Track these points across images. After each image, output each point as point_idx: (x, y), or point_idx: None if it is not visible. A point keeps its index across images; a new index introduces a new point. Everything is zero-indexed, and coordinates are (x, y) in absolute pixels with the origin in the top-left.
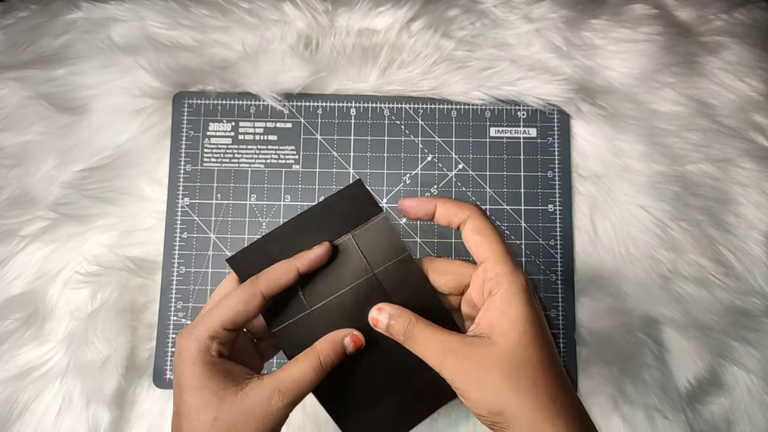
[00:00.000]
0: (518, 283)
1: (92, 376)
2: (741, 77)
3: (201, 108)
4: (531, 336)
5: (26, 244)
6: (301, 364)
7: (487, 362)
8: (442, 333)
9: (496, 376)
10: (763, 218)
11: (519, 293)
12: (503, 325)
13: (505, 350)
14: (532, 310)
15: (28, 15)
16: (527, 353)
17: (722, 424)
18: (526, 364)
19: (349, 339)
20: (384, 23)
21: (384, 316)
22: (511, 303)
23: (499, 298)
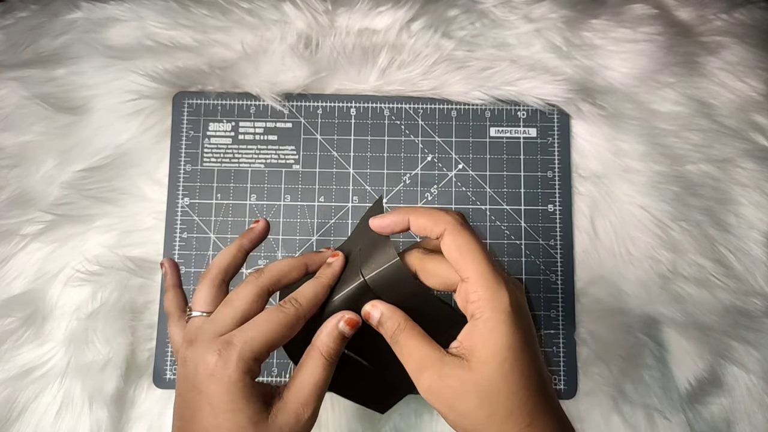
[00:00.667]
0: (501, 308)
1: (92, 376)
2: (741, 77)
3: (201, 108)
4: (512, 364)
5: (26, 243)
6: (310, 367)
7: (464, 388)
8: (424, 347)
9: (471, 404)
10: (763, 218)
11: (503, 319)
12: (484, 351)
13: (483, 378)
14: (517, 335)
15: (28, 15)
16: (506, 382)
17: (722, 425)
18: (503, 392)
19: (343, 323)
20: (384, 23)
21: (376, 312)
22: (494, 330)
23: (482, 323)
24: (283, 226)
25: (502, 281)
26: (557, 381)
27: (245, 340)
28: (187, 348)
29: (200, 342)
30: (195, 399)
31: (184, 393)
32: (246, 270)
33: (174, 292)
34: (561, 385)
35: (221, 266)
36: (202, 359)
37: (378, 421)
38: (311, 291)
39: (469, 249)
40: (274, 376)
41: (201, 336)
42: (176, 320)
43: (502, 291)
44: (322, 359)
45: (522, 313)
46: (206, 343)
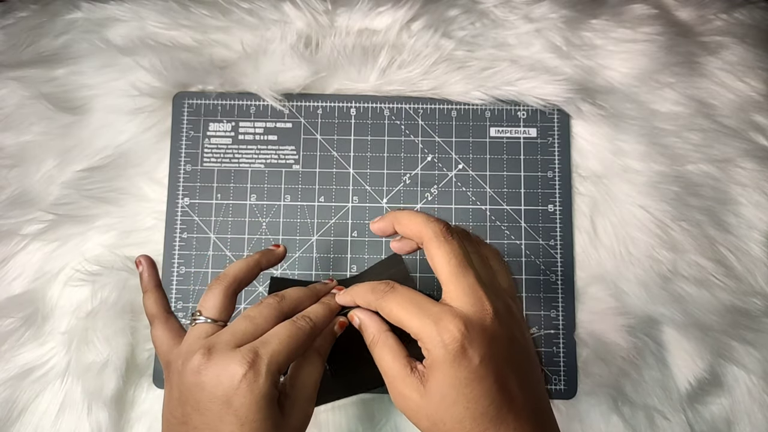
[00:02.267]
0: (436, 352)
1: (92, 376)
2: (741, 77)
3: (201, 108)
4: (455, 398)
5: (26, 243)
6: (310, 368)
7: (418, 409)
8: (394, 362)
9: (424, 425)
10: (763, 218)
11: (441, 363)
12: (431, 384)
13: (431, 405)
14: (458, 372)
15: (28, 15)
16: (449, 413)
17: (722, 424)
18: (447, 422)
19: (338, 327)
20: (384, 23)
21: (356, 320)
22: (437, 370)
23: (428, 364)
24: (283, 226)
25: (434, 327)
26: (557, 381)
27: (271, 352)
28: (203, 356)
29: (222, 352)
30: (215, 410)
31: (190, 401)
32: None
33: (156, 293)
34: (561, 385)
35: (237, 276)
36: (226, 370)
37: (378, 421)
38: (322, 312)
39: (398, 308)
40: None
41: (220, 346)
42: (162, 323)
43: (434, 336)
44: (320, 358)
45: (471, 352)
46: (230, 354)
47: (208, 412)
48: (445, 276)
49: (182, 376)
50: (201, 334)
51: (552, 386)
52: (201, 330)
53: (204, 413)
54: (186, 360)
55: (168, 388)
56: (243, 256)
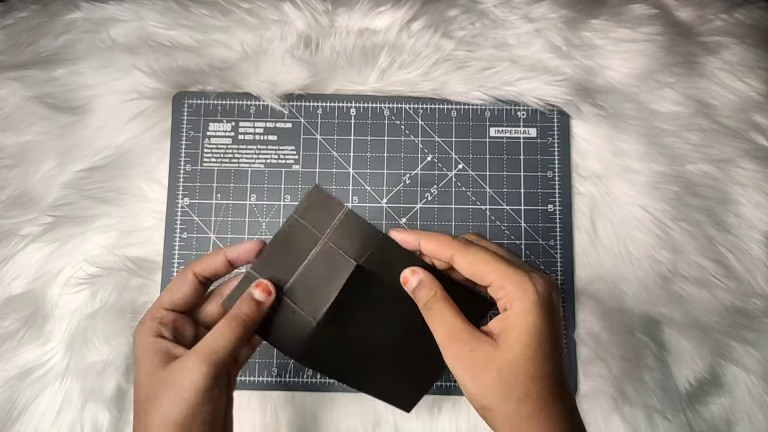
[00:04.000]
0: (528, 297)
1: (92, 376)
2: (741, 77)
3: (201, 108)
4: (535, 350)
5: (26, 244)
6: (220, 327)
7: (488, 363)
8: (457, 318)
9: (492, 379)
10: (763, 218)
11: (529, 308)
12: (511, 335)
13: (507, 358)
14: (544, 323)
15: (28, 15)
16: (527, 366)
17: (722, 425)
18: (522, 374)
19: (257, 289)
20: (384, 23)
21: (415, 279)
22: (522, 317)
23: (512, 314)
24: None
25: (525, 275)
26: None
27: (151, 307)
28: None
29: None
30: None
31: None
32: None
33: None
34: None
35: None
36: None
37: (378, 422)
38: (207, 256)
39: (481, 259)
40: (274, 376)
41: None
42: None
43: (527, 283)
44: (234, 322)
45: (550, 306)
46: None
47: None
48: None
49: None
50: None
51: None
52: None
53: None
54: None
55: None
56: None
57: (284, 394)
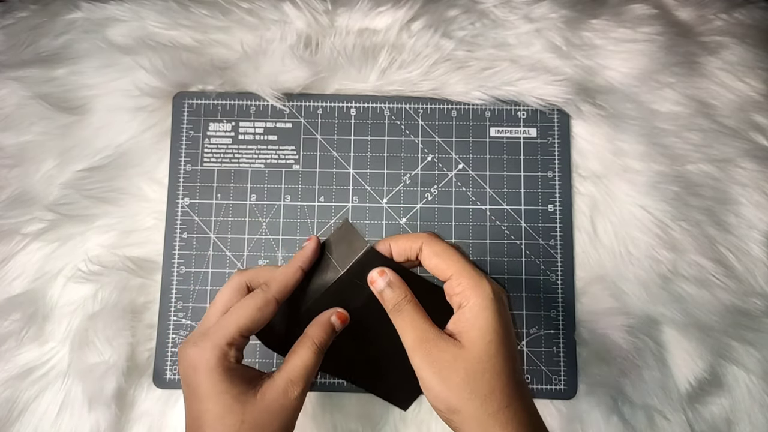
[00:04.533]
0: (485, 294)
1: (92, 376)
2: (741, 77)
3: (201, 108)
4: (497, 346)
5: (26, 244)
6: (301, 352)
7: (455, 362)
8: (426, 322)
9: (460, 378)
10: (763, 218)
11: (487, 305)
12: (472, 333)
13: (472, 356)
14: (500, 320)
15: (28, 15)
16: (491, 362)
17: (722, 425)
18: (488, 371)
19: (335, 317)
20: (384, 23)
21: (383, 280)
22: (480, 315)
23: (468, 310)
24: (283, 226)
25: (482, 275)
26: (557, 381)
27: (218, 329)
28: (179, 350)
29: (185, 342)
30: (186, 393)
31: (183, 393)
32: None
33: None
34: (561, 385)
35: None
36: (185, 355)
37: (378, 422)
38: (281, 275)
39: (446, 252)
40: None
41: (187, 338)
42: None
43: (484, 282)
44: (313, 345)
45: (502, 305)
46: (188, 341)
47: (185, 397)
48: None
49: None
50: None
51: (552, 386)
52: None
53: (185, 400)
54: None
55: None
56: (243, 256)
57: None
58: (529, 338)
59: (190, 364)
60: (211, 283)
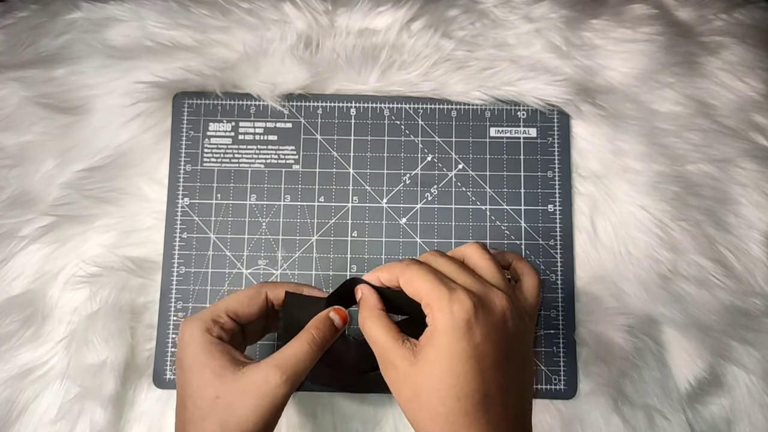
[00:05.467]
0: (444, 317)
1: (92, 376)
2: (741, 77)
3: (201, 108)
4: (446, 371)
5: (26, 244)
6: (296, 342)
7: (405, 380)
8: (386, 335)
9: (407, 396)
10: (763, 218)
11: (443, 328)
12: (428, 353)
13: (419, 377)
14: (459, 348)
15: (28, 15)
16: (436, 386)
17: (722, 424)
18: (433, 394)
19: (334, 313)
20: (384, 23)
21: (357, 297)
22: (437, 337)
23: (429, 331)
24: (283, 226)
25: (447, 295)
26: (557, 381)
27: (207, 308)
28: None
29: (183, 321)
30: (177, 372)
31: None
32: (246, 270)
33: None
34: (561, 385)
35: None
36: (179, 332)
37: (378, 422)
38: (283, 282)
39: (417, 276)
40: None
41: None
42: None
43: (445, 303)
44: (311, 337)
45: (465, 328)
46: (183, 321)
47: (177, 371)
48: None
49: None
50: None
51: (552, 386)
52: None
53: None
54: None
55: None
56: (243, 256)
57: None
58: None
59: (180, 338)
60: (211, 283)
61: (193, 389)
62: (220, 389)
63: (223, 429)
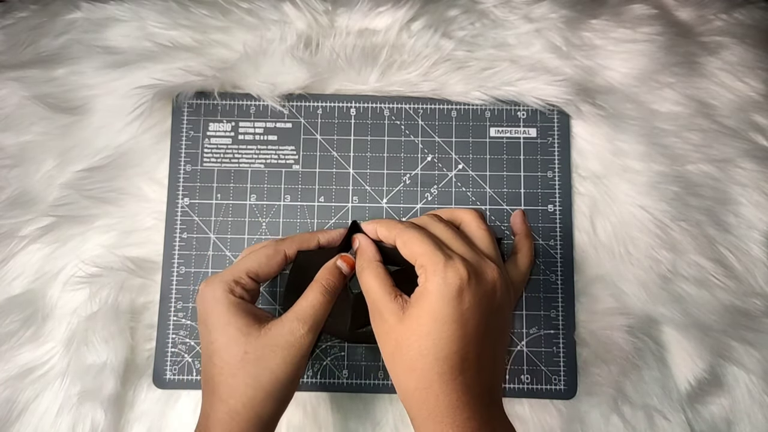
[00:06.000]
0: (435, 280)
1: (92, 376)
2: (741, 77)
3: (201, 108)
4: (429, 330)
5: (26, 244)
6: (309, 295)
7: (389, 333)
8: (380, 287)
9: (390, 348)
10: (763, 218)
11: (433, 290)
12: (413, 311)
13: (402, 331)
14: (444, 309)
15: (28, 15)
16: (417, 342)
17: (722, 424)
18: (413, 349)
19: (341, 260)
20: (384, 23)
21: (355, 245)
22: (425, 297)
23: (418, 291)
24: (283, 226)
25: (442, 260)
26: (557, 381)
27: (227, 270)
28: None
29: (203, 282)
30: (200, 330)
31: (199, 331)
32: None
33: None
34: (561, 385)
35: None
36: (199, 294)
37: (378, 422)
38: (298, 236)
39: (413, 239)
40: None
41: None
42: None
43: (440, 267)
44: (321, 287)
45: (455, 293)
46: (203, 283)
47: (201, 337)
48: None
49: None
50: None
51: (552, 386)
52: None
53: (201, 339)
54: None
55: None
56: None
57: None
58: (529, 338)
59: (201, 299)
60: None
61: (220, 347)
62: (248, 345)
63: (256, 382)
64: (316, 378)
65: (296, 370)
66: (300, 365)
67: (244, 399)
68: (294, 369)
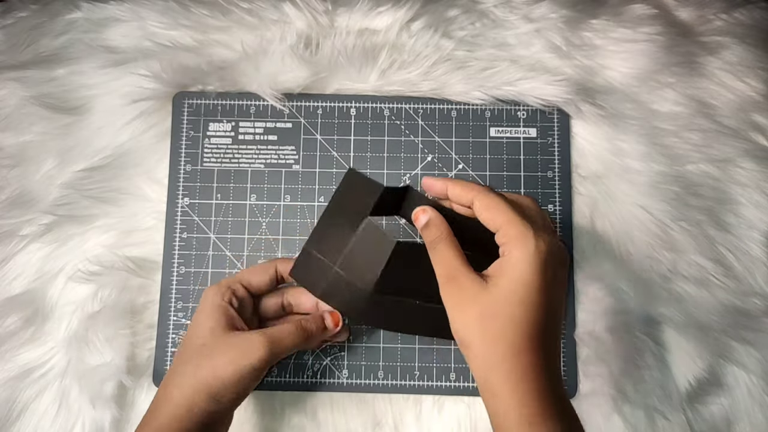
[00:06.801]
0: (525, 248)
1: (92, 376)
2: (741, 77)
3: (201, 108)
4: (520, 298)
5: (26, 244)
6: (286, 324)
7: (473, 301)
8: (457, 259)
9: (473, 316)
10: (763, 218)
11: (524, 259)
12: (501, 280)
13: (491, 299)
14: (534, 275)
15: (28, 15)
16: (508, 309)
17: (722, 424)
18: (500, 317)
19: (329, 316)
20: (384, 23)
21: (425, 217)
22: (515, 266)
23: (505, 260)
24: (283, 226)
25: (530, 228)
26: None
27: (227, 278)
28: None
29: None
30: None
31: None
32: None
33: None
34: None
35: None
36: (202, 295)
37: (378, 422)
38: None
39: (495, 205)
40: (274, 376)
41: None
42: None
43: (529, 235)
44: (299, 325)
45: (546, 262)
46: (206, 288)
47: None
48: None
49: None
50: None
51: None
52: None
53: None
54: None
55: None
56: (243, 256)
57: (284, 394)
58: None
59: (201, 298)
60: (210, 283)
61: (189, 336)
62: (208, 340)
63: (197, 371)
64: (316, 378)
65: (240, 378)
66: (247, 376)
67: (181, 386)
68: (237, 376)
